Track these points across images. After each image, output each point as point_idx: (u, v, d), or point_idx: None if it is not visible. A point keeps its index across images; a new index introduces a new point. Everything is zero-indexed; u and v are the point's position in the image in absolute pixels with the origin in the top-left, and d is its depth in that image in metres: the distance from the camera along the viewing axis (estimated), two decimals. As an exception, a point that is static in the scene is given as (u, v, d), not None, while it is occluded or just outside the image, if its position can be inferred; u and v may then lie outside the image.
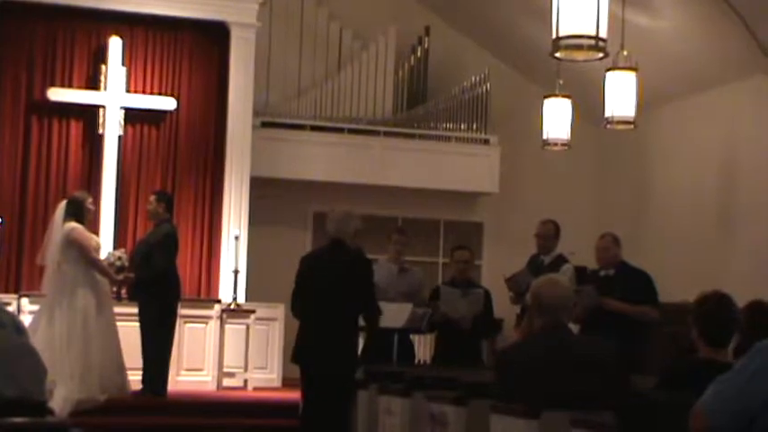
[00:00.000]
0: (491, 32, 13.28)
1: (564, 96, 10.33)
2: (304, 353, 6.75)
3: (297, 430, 7.28)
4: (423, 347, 10.64)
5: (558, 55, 6.78)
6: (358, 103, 12.73)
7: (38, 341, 7.04)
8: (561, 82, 10.28)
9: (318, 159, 12.35)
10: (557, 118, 10.37)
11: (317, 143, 12.43)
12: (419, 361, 9.72)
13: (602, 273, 7.91)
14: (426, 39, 13.08)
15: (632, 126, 9.21)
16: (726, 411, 3.38)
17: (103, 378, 8.55)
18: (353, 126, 12.65)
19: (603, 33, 6.61)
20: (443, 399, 5.52)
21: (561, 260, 8.26)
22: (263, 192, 11.75)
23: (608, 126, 9.20)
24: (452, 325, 8.07)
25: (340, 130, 12.60)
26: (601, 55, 6.76)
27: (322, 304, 6.68)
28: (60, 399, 8.04)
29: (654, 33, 10.65)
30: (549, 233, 8.35)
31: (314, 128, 12.51)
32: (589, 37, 6.57)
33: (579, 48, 6.68)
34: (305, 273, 6.88)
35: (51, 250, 8.76)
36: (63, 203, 8.97)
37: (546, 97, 10.45)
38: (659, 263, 9.69)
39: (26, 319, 8.76)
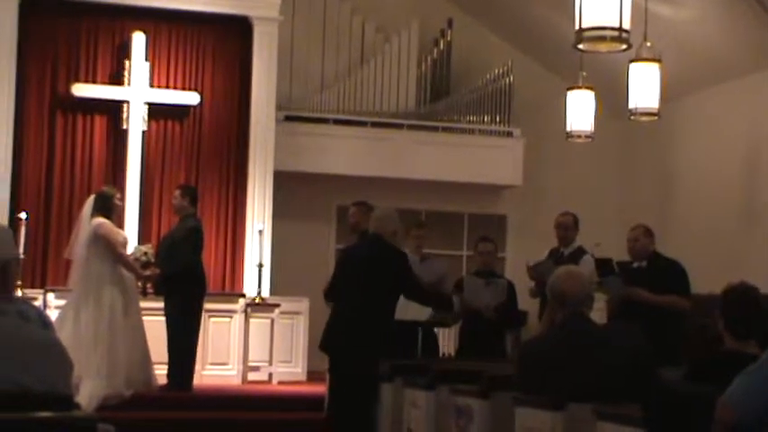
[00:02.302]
0: (514, 25, 13.24)
1: (587, 88, 10.30)
2: (333, 341, 6.81)
3: (322, 423, 7.29)
4: (447, 341, 10.63)
5: (581, 47, 6.75)
6: (381, 97, 12.72)
7: (64, 336, 7.07)
8: (584, 74, 10.25)
9: (342, 153, 12.36)
10: (580, 110, 10.34)
11: (341, 137, 12.44)
12: (443, 354, 9.72)
13: (635, 264, 7.90)
14: (449, 31, 13.06)
15: (656, 117, 9.16)
16: (751, 404, 3.36)
17: (130, 373, 8.59)
18: (377, 119, 12.64)
19: (627, 25, 6.57)
20: (468, 392, 5.52)
21: (581, 252, 8.24)
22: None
23: (632, 117, 9.16)
24: (476, 314, 8.06)
25: (363, 124, 12.60)
26: (624, 46, 6.73)
27: (355, 295, 6.72)
28: (87, 394, 8.09)
29: (677, 24, 10.59)
30: (569, 224, 8.34)
31: (337, 121, 12.52)
32: (612, 28, 6.54)
33: (602, 39, 6.65)
34: (339, 264, 6.95)
35: (79, 245, 8.80)
36: (91, 198, 9.00)
37: (569, 89, 10.41)
38: (684, 254, 9.61)
39: (52, 315, 8.81)
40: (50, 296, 9.94)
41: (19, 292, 9.70)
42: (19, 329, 2.91)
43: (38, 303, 9.16)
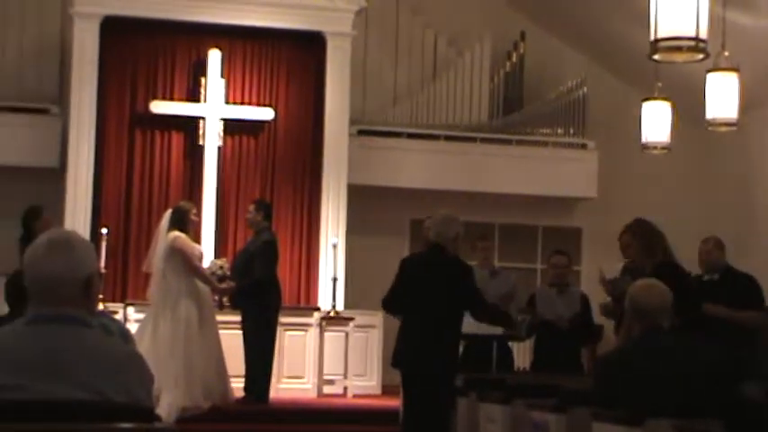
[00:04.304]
0: (587, 36, 13.14)
1: (663, 99, 10.16)
2: (404, 357, 6.77)
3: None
4: (521, 354, 10.56)
5: (656, 57, 6.66)
6: (454, 110, 12.72)
7: (143, 349, 7.19)
8: (660, 84, 10.12)
9: (415, 167, 12.38)
10: (656, 121, 10.21)
11: (414, 150, 12.46)
12: (518, 368, 9.65)
13: (706, 277, 7.80)
14: (522, 44, 13.02)
15: (735, 128, 9.01)
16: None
17: (207, 385, 8.69)
18: (450, 133, 12.64)
19: (704, 34, 6.47)
20: (544, 406, 5.48)
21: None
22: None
23: (710, 128, 9.02)
24: (549, 326, 7.99)
25: (436, 138, 12.62)
26: (701, 56, 6.62)
27: (422, 309, 6.67)
28: (165, 405, 8.20)
29: (756, 32, 10.41)
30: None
31: (410, 135, 12.55)
32: (689, 38, 6.44)
33: (679, 49, 6.55)
34: (404, 276, 6.86)
35: (156, 259, 8.95)
36: (168, 212, 9.15)
37: (645, 100, 10.29)
38: (766, 267, 9.46)
39: (132, 328, 8.95)
40: (130, 310, 10.11)
41: (101, 306, 9.89)
42: (103, 342, 2.97)
43: (118, 317, 9.31)
